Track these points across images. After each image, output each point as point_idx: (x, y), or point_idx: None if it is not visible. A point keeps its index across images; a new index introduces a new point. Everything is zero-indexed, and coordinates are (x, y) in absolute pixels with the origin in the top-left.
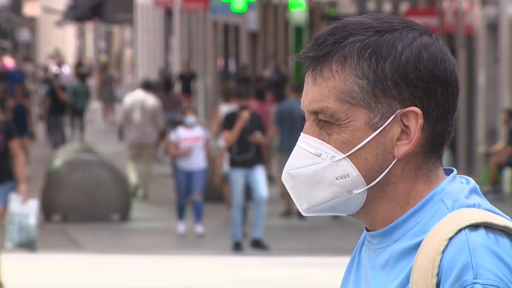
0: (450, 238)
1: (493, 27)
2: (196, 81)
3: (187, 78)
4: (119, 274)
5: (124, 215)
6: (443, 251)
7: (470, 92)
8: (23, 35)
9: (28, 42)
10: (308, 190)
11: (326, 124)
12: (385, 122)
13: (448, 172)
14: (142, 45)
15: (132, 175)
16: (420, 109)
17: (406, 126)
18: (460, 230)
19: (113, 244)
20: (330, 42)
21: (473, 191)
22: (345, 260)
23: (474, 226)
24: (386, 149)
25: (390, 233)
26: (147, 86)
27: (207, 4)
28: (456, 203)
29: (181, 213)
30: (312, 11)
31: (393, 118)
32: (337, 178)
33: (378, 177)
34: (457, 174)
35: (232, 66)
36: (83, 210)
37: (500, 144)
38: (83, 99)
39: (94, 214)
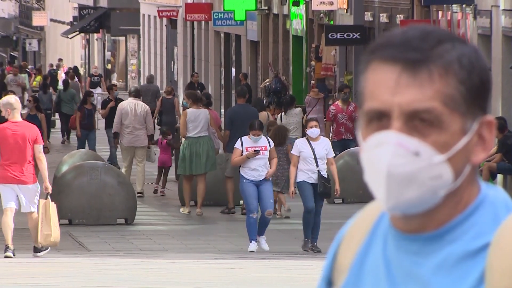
0: None
1: (486, 37)
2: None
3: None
4: (124, 276)
5: (129, 219)
6: None
7: None
8: (32, 45)
9: (36, 51)
10: (400, 188)
11: (423, 125)
12: (472, 128)
13: None
14: (148, 55)
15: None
16: None
17: (480, 134)
18: None
19: (118, 247)
20: (427, 47)
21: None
22: None
23: None
24: (468, 155)
25: (442, 235)
26: (137, 93)
27: (209, 14)
28: (509, 206)
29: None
30: (311, 21)
31: (477, 125)
32: (430, 179)
33: (458, 180)
34: None
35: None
36: (89, 214)
37: (492, 150)
38: (68, 104)
39: (100, 218)
